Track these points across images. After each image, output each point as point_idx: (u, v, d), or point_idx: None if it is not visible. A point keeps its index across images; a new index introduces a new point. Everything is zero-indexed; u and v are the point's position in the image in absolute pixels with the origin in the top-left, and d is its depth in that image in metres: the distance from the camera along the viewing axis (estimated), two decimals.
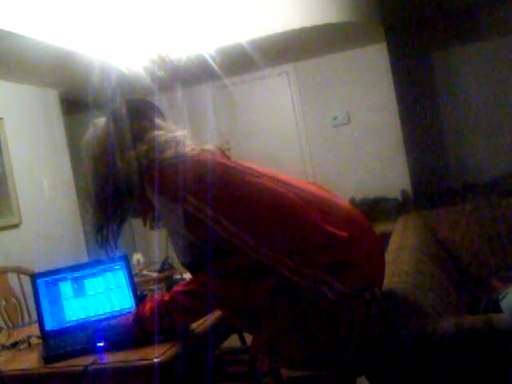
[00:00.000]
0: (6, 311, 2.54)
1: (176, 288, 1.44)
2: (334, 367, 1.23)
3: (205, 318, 1.57)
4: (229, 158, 1.43)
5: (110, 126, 1.40)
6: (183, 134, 1.40)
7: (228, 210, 1.20)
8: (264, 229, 1.18)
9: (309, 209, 1.21)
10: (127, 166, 1.33)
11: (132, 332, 1.46)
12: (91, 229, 1.41)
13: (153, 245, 3.87)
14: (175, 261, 1.95)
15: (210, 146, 1.40)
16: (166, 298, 1.43)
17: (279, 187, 1.24)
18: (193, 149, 1.35)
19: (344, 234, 1.18)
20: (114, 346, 1.46)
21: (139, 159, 1.33)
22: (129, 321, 1.49)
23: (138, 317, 1.47)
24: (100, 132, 1.42)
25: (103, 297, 1.79)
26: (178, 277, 2.18)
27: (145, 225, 1.48)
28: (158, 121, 1.43)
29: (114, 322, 1.54)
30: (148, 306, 1.47)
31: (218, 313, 1.61)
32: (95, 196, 1.39)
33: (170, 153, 1.32)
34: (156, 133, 1.38)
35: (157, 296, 1.48)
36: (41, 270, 1.85)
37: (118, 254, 1.47)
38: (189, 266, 1.37)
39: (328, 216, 1.23)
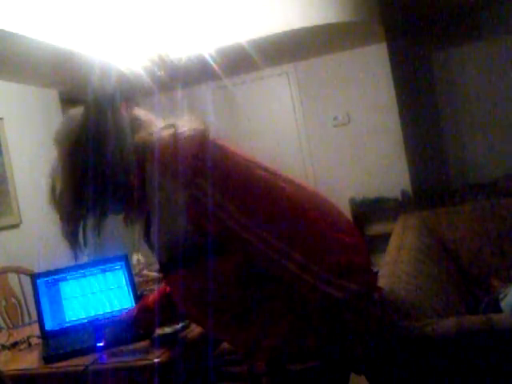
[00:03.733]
0: (5, 311, 2.54)
1: None
2: (331, 358, 1.21)
3: None
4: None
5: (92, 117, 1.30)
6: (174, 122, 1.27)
7: (240, 200, 1.14)
8: (276, 220, 1.14)
9: (314, 210, 1.20)
10: (124, 153, 1.24)
11: (133, 325, 1.46)
12: (64, 228, 1.33)
13: None
14: None
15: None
16: (168, 289, 1.41)
17: (288, 185, 1.19)
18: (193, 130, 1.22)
19: (350, 239, 1.18)
20: (115, 340, 1.46)
21: (136, 145, 1.24)
22: (131, 314, 1.49)
23: (141, 307, 1.46)
24: (80, 122, 1.32)
25: (103, 297, 1.79)
26: None
27: (126, 222, 1.35)
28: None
29: (115, 317, 1.54)
30: (151, 297, 1.47)
31: None
32: (74, 190, 1.33)
33: (168, 134, 1.20)
34: (149, 118, 1.30)
35: (159, 288, 1.47)
36: (41, 270, 1.85)
37: (87, 254, 1.33)
38: (169, 264, 1.27)
39: (332, 219, 1.22)
